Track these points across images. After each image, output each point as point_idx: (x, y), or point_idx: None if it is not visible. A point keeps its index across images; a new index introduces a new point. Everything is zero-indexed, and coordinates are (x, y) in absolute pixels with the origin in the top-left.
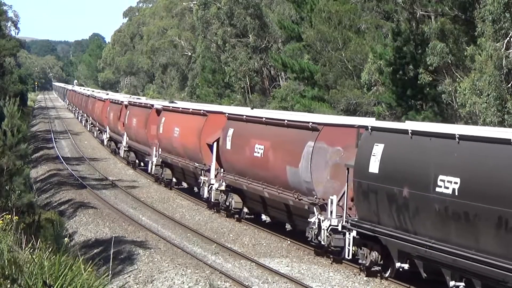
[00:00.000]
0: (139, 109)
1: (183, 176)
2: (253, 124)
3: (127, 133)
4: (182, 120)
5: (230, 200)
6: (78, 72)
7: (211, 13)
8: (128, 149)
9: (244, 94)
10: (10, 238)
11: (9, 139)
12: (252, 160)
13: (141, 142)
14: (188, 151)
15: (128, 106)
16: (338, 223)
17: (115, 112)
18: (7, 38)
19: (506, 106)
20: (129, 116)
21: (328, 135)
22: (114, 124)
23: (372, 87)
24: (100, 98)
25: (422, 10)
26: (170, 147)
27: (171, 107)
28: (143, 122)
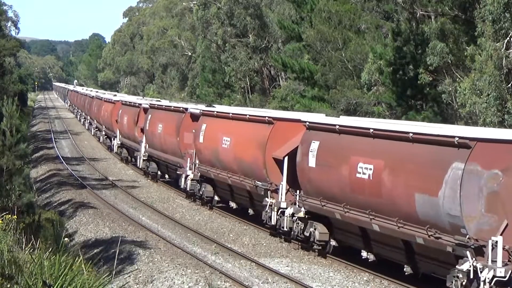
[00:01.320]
0: (167, 114)
1: (230, 194)
2: (353, 136)
3: (148, 140)
4: (235, 129)
5: (312, 231)
6: (78, 72)
7: (211, 13)
8: (147, 158)
9: (244, 94)
10: (10, 238)
11: (8, 139)
12: (354, 183)
13: (169, 151)
14: (245, 166)
15: (150, 109)
16: (506, 273)
17: (130, 116)
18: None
19: (506, 106)
20: (151, 121)
21: (482, 154)
22: (128, 129)
23: (372, 87)
24: (109, 100)
25: (422, 10)
26: (215, 160)
27: (215, 112)
28: (174, 129)
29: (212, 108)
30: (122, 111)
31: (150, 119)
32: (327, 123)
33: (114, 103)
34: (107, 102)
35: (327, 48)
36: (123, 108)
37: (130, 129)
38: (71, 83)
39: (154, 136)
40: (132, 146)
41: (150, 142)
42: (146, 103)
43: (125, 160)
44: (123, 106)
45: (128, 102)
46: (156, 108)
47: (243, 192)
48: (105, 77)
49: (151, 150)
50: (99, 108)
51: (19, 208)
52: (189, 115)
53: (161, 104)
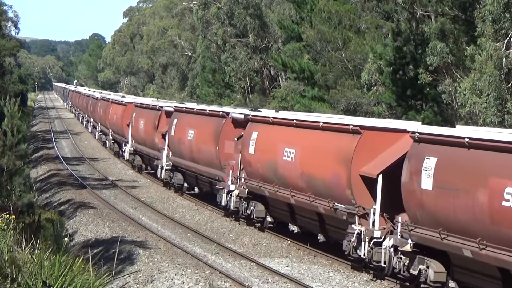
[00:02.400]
0: (200, 118)
1: (290, 216)
2: (489, 153)
3: (173, 148)
4: (302, 138)
5: (424, 269)
6: (78, 72)
7: (211, 13)
8: (172, 168)
9: (244, 94)
10: (10, 238)
11: (9, 139)
12: (495, 212)
13: (202, 162)
14: (317, 184)
15: (175, 113)
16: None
17: (149, 120)
18: (7, 38)
19: (506, 106)
20: (178, 127)
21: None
22: (146, 135)
23: (372, 87)
24: (119, 102)
25: (422, 10)
26: (271, 175)
27: (271, 118)
28: (211, 137)
29: (266, 113)
30: (137, 114)
31: (177, 124)
32: (449, 135)
33: (126, 105)
34: (116, 104)
35: (327, 48)
36: (138, 111)
37: (148, 135)
38: (71, 83)
39: (182, 144)
40: (150, 153)
41: (176, 150)
42: (169, 105)
43: (138, 168)
44: (138, 108)
45: (145, 105)
46: (184, 111)
47: (310, 214)
48: (105, 77)
49: (176, 159)
50: (105, 111)
51: (19, 208)
52: (230, 121)
53: (191, 108)
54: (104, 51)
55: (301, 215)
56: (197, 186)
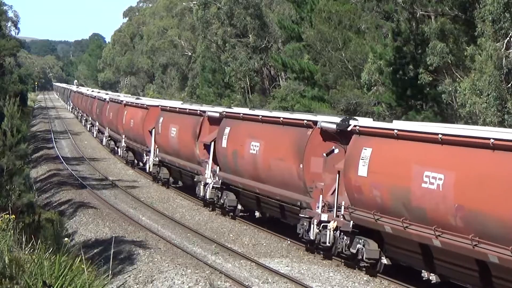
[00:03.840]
0: (270, 128)
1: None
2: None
3: (223, 163)
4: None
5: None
6: (78, 72)
7: (211, 13)
8: (222, 186)
9: (244, 94)
10: (10, 238)
11: (9, 139)
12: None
13: (275, 182)
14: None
15: (226, 119)
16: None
17: (185, 128)
18: (7, 38)
19: (506, 106)
20: (231, 137)
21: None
22: (181, 145)
23: (372, 87)
24: (137, 105)
25: (422, 10)
26: (399, 206)
27: (395, 131)
28: (291, 152)
29: (382, 124)
30: (166, 120)
31: (230, 134)
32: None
33: (147, 109)
34: (133, 107)
35: (327, 48)
36: (166, 115)
37: (184, 145)
38: (71, 83)
39: (240, 158)
40: (186, 167)
41: (229, 166)
42: (214, 110)
43: (165, 182)
44: (167, 113)
45: (178, 109)
46: (242, 118)
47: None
48: (105, 77)
49: (228, 176)
50: (118, 114)
51: (19, 208)
52: (318, 132)
53: (254, 114)
54: (104, 51)
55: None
56: (258, 210)
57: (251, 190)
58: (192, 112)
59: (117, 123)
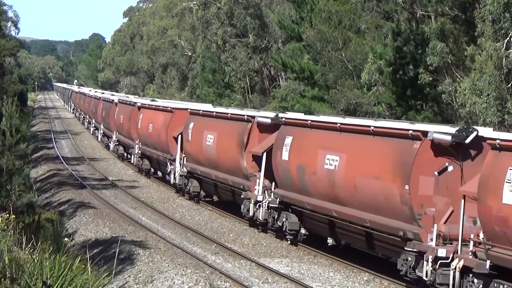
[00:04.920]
0: (353, 138)
1: None
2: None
3: (282, 178)
4: None
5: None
6: (78, 72)
7: (211, 13)
8: (279, 206)
9: (244, 94)
10: (10, 238)
11: (8, 139)
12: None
13: (363, 206)
14: None
15: (285, 128)
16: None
17: (227, 136)
18: (7, 38)
19: (506, 106)
20: (295, 149)
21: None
22: (220, 155)
23: (372, 87)
24: (157, 107)
25: (422, 10)
26: None
27: None
28: (390, 169)
29: None
30: (198, 125)
31: (294, 144)
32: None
33: (172, 112)
34: (150, 110)
35: (327, 48)
36: (198, 120)
37: (225, 155)
38: (71, 83)
39: (310, 175)
40: (225, 180)
41: (291, 183)
42: (264, 115)
43: (194, 195)
44: (199, 117)
45: (216, 113)
46: (310, 126)
47: None
48: (105, 77)
49: (289, 194)
50: (129, 118)
51: (19, 208)
52: (429, 145)
53: (328, 121)
54: (104, 51)
55: None
56: (331, 237)
57: (324, 213)
58: (237, 117)
59: (129, 127)
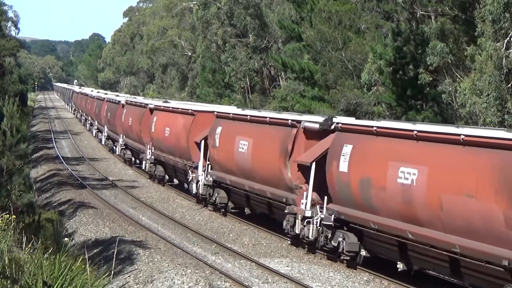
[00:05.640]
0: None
1: None
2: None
3: (341, 193)
4: None
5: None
6: (78, 72)
7: (211, 13)
8: (335, 224)
9: (244, 94)
10: (10, 238)
11: (8, 139)
12: None
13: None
14: None
15: (340, 134)
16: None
17: (264, 142)
18: (7, 38)
19: (506, 106)
20: (357, 158)
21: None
22: (257, 163)
23: (372, 87)
24: (174, 109)
25: (422, 10)
26: None
27: None
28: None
29: None
30: (228, 131)
31: (355, 154)
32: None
33: (194, 115)
34: (166, 113)
35: (327, 48)
36: (228, 125)
37: (264, 164)
38: (71, 83)
39: (378, 190)
40: (263, 192)
41: (352, 199)
42: (312, 120)
43: (222, 207)
44: (230, 121)
45: (251, 116)
46: (376, 133)
47: None
48: (105, 77)
49: (348, 211)
50: (140, 121)
51: (19, 208)
52: None
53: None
54: (104, 51)
55: None
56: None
57: (395, 233)
58: (279, 121)
59: (140, 130)
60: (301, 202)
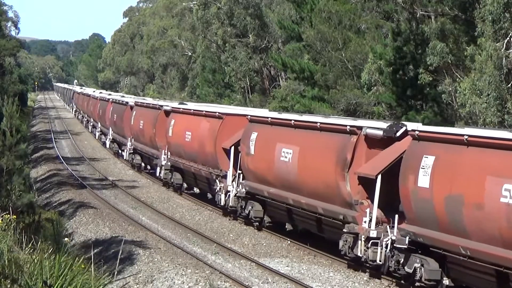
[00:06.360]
0: None
1: None
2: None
3: (419, 211)
4: None
5: None
6: (78, 72)
7: (211, 13)
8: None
9: (244, 94)
10: (10, 238)
11: (8, 139)
12: None
13: None
14: None
15: (417, 143)
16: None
17: (315, 150)
18: (7, 38)
19: (506, 106)
20: (442, 171)
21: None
22: (304, 174)
23: (372, 87)
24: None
25: (422, 10)
26: None
27: None
28: None
29: None
30: (267, 137)
31: (438, 166)
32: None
33: (221, 118)
34: (186, 116)
35: (327, 48)
36: (266, 131)
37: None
38: (71, 83)
39: (471, 209)
40: (312, 207)
41: (434, 218)
42: (373, 126)
43: (258, 221)
44: (268, 126)
45: (295, 121)
46: (467, 143)
47: None
48: (105, 77)
49: (430, 233)
50: (154, 124)
51: (19, 208)
52: None
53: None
54: (104, 51)
55: None
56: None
57: (496, 262)
58: (333, 127)
59: (153, 134)
60: (363, 220)
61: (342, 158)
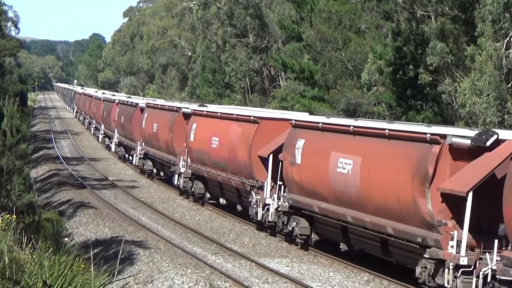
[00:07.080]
0: None
1: None
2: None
3: None
4: None
5: None
6: (78, 72)
7: (211, 13)
8: None
9: (244, 94)
10: (10, 238)
11: (8, 139)
12: None
13: None
14: None
15: None
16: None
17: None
18: (7, 38)
19: (506, 106)
20: None
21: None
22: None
23: (372, 87)
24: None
25: (422, 10)
26: None
27: None
28: None
29: None
30: (316, 144)
31: None
32: None
33: (256, 123)
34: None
35: (327, 48)
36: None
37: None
38: (71, 83)
39: None
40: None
41: None
42: (458, 133)
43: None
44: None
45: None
46: None
47: None
48: (105, 77)
49: None
50: (172, 128)
51: (19, 208)
52: None
53: None
54: (104, 51)
55: None
56: None
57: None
58: (407, 135)
59: (170, 139)
60: (449, 244)
61: (421, 172)
